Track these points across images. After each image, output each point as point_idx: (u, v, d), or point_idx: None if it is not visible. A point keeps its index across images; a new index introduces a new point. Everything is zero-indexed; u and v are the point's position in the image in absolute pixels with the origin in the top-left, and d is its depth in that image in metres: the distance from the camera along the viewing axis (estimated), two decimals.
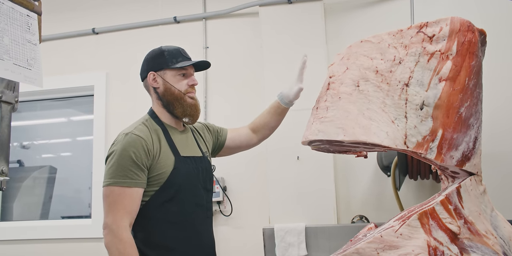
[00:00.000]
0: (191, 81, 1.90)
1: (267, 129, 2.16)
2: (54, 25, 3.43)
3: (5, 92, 1.12)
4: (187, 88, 1.89)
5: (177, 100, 1.87)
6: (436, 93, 1.43)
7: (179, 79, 1.88)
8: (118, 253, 1.64)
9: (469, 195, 1.45)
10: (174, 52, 1.90)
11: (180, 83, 1.88)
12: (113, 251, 1.66)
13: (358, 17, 2.92)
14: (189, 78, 1.91)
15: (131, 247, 1.67)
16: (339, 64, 1.62)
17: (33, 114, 3.82)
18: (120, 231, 1.66)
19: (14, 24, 1.12)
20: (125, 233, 1.67)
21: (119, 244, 1.65)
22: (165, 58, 1.88)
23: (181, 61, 1.88)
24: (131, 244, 1.67)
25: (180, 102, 1.88)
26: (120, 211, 1.68)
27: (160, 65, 1.88)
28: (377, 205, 2.75)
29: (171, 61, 1.88)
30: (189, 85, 1.90)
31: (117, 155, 1.73)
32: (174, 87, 1.87)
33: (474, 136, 1.48)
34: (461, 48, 1.45)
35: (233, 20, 3.19)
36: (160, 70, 1.88)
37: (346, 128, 1.46)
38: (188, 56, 1.93)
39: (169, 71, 1.88)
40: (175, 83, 1.88)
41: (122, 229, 1.67)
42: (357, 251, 1.39)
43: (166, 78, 1.88)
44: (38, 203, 3.66)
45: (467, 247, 1.39)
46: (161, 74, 1.89)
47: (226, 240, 2.98)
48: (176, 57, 1.89)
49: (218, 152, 2.16)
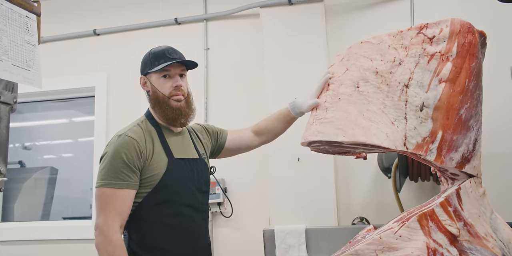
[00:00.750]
0: (175, 83, 1.84)
1: (271, 134, 2.12)
2: (55, 27, 3.44)
3: (3, 92, 1.12)
4: (171, 90, 1.83)
5: (159, 104, 1.84)
6: (436, 95, 1.43)
7: (163, 81, 1.84)
8: (107, 254, 1.64)
9: (469, 197, 1.45)
10: (158, 54, 1.85)
11: (164, 86, 1.83)
12: (103, 252, 1.66)
13: (358, 18, 2.92)
14: (173, 80, 1.85)
15: (121, 249, 1.66)
16: (338, 65, 1.62)
17: (34, 115, 3.83)
18: (111, 233, 1.66)
19: (13, 25, 1.12)
20: (115, 235, 1.67)
21: (108, 245, 1.65)
22: (149, 61, 1.86)
23: (163, 62, 1.83)
24: (120, 246, 1.67)
25: (161, 106, 1.84)
26: (111, 213, 1.68)
27: (146, 68, 1.87)
28: (378, 207, 2.74)
29: (153, 63, 1.84)
30: (173, 87, 1.84)
31: (109, 157, 1.73)
32: (158, 90, 1.84)
33: (474, 138, 1.47)
34: (461, 49, 1.44)
35: (234, 21, 3.19)
36: (147, 73, 1.87)
37: (346, 129, 1.46)
38: (173, 56, 1.85)
39: (153, 74, 1.85)
40: (159, 85, 1.84)
41: (112, 230, 1.66)
42: (356, 252, 1.38)
43: (152, 81, 1.86)
44: (39, 204, 3.66)
45: (466, 250, 1.39)
46: (148, 77, 1.87)
47: (227, 242, 2.97)
48: (159, 59, 1.84)
49: (218, 154, 2.15)
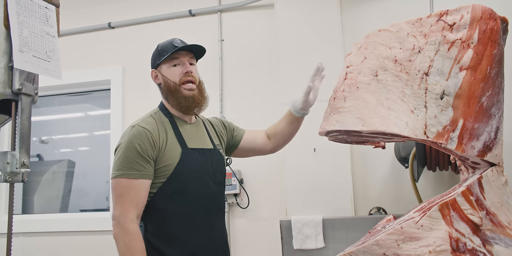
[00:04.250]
0: (184, 69, 1.87)
1: (280, 137, 2.09)
2: (70, 21, 3.45)
3: (25, 84, 1.13)
4: (181, 77, 1.86)
5: (171, 93, 1.87)
6: (456, 82, 1.41)
7: (173, 70, 1.87)
8: (124, 245, 1.67)
9: (491, 186, 1.43)
10: (166, 45, 1.89)
11: (174, 74, 1.87)
12: (120, 242, 1.68)
13: (374, 7, 2.88)
14: (183, 67, 1.88)
15: (137, 239, 1.68)
16: (356, 54, 1.60)
17: (51, 109, 3.87)
18: (127, 223, 1.68)
19: (33, 16, 1.13)
20: (132, 225, 1.68)
21: (125, 236, 1.67)
22: (158, 54, 1.90)
23: (170, 52, 1.86)
24: (137, 236, 1.68)
25: (174, 95, 1.86)
26: (128, 203, 1.70)
27: (155, 61, 1.91)
28: (395, 197, 2.72)
29: (162, 54, 1.88)
30: (183, 73, 1.87)
31: (123, 148, 1.75)
32: (169, 79, 1.87)
33: (496, 126, 1.45)
34: (482, 36, 1.41)
35: (249, 12, 3.18)
36: (157, 66, 1.91)
37: (365, 118, 1.44)
38: (179, 45, 1.88)
39: (163, 65, 1.89)
40: (170, 75, 1.87)
41: (129, 221, 1.68)
42: (377, 243, 1.37)
43: (163, 73, 1.88)
44: (57, 196, 3.72)
45: (489, 239, 1.37)
46: (159, 70, 1.90)
47: (243, 232, 2.98)
48: (167, 49, 1.87)
49: (233, 151, 2.14)
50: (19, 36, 1.09)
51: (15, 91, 1.11)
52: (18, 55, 1.08)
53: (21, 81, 1.12)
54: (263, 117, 2.97)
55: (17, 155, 1.11)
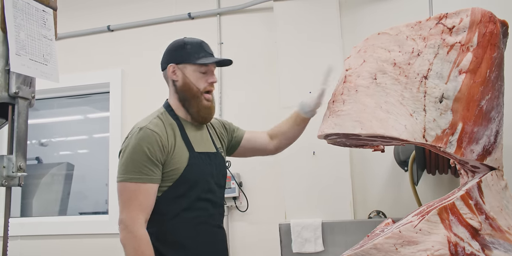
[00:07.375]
0: (210, 79, 1.85)
1: (284, 138, 2.08)
2: (69, 23, 3.45)
3: (21, 87, 1.12)
4: (206, 85, 1.84)
5: (193, 98, 1.83)
6: (456, 86, 1.40)
7: (199, 76, 1.83)
8: (133, 249, 1.64)
9: (490, 190, 1.42)
10: (196, 46, 1.84)
11: (200, 80, 1.83)
12: (129, 248, 1.65)
13: (374, 10, 2.88)
14: (209, 76, 1.86)
15: (146, 244, 1.66)
16: (355, 57, 1.60)
17: (50, 112, 3.86)
18: (136, 228, 1.65)
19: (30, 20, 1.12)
20: (141, 230, 1.66)
21: (134, 241, 1.65)
22: (187, 52, 1.83)
23: (203, 57, 1.83)
24: (146, 240, 1.66)
25: (196, 101, 1.83)
26: (136, 208, 1.67)
27: (181, 58, 1.84)
28: (394, 200, 2.71)
29: (193, 55, 1.82)
30: (209, 82, 1.85)
31: (131, 150, 1.71)
32: (193, 83, 1.82)
33: (496, 129, 1.44)
34: (482, 39, 1.41)
35: (248, 15, 3.18)
36: (181, 63, 1.83)
37: (363, 121, 1.44)
38: (210, 51, 1.87)
39: (190, 66, 1.83)
40: (195, 79, 1.83)
41: (137, 225, 1.66)
42: (375, 246, 1.36)
43: (186, 73, 1.83)
44: (56, 199, 3.71)
45: (488, 243, 1.36)
46: (181, 67, 1.84)
47: (242, 236, 2.97)
48: (198, 52, 1.83)
49: (233, 151, 2.13)
50: (16, 39, 1.08)
51: (11, 95, 1.11)
52: (15, 58, 1.08)
53: (18, 85, 1.11)
54: (261, 120, 2.97)
55: (14, 159, 1.10)
